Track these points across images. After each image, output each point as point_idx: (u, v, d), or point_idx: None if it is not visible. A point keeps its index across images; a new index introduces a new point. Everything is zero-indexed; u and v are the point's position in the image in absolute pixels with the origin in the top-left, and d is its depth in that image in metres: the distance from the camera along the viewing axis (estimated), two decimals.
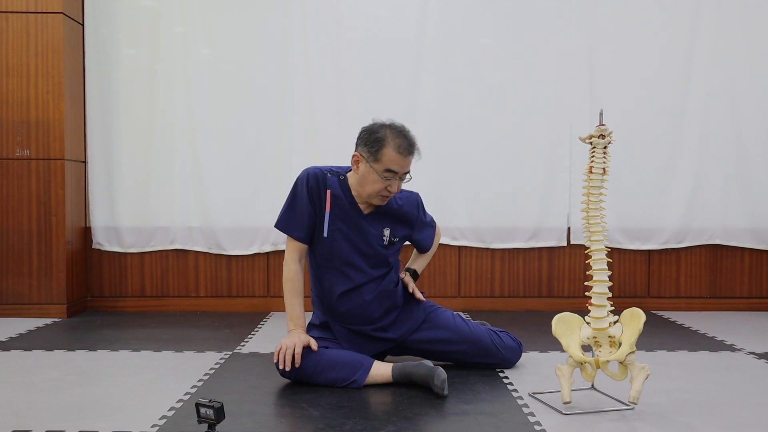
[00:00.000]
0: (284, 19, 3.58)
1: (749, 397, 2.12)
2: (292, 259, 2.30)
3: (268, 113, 3.61)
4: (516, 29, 3.63)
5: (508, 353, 2.45)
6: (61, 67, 3.36)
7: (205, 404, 1.62)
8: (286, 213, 2.31)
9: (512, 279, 3.73)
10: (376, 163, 2.18)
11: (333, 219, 2.28)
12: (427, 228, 2.53)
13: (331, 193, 2.28)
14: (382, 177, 2.18)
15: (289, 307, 2.28)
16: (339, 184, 2.29)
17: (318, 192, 2.28)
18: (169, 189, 3.61)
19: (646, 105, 3.66)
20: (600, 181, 1.96)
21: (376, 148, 2.18)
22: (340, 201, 2.29)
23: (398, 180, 2.22)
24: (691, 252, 3.76)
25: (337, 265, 2.31)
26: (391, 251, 2.38)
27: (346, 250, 2.30)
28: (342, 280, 2.31)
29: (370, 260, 2.33)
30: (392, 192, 2.22)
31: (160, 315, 3.53)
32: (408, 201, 2.42)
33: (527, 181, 3.66)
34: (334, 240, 2.29)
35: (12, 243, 3.39)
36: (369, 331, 2.35)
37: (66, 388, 2.18)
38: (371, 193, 2.23)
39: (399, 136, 2.19)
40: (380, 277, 2.36)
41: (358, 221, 2.30)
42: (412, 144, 2.21)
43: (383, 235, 2.34)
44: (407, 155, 2.19)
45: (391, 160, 2.17)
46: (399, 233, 2.39)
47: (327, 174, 2.30)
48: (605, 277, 1.96)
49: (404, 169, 2.21)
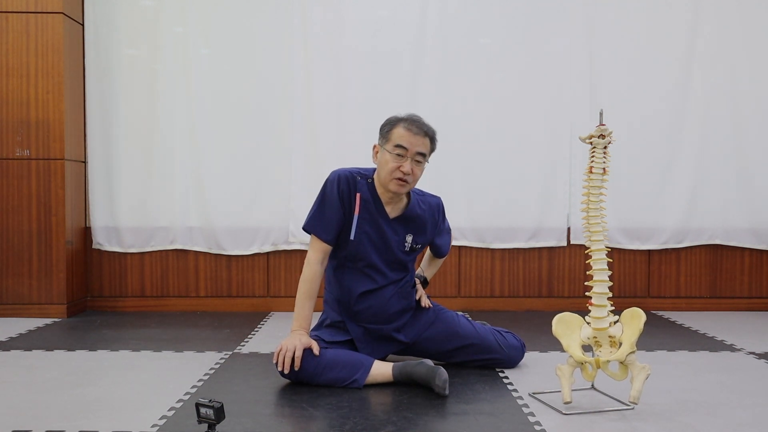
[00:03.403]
0: (284, 19, 3.58)
1: (749, 397, 2.12)
2: (316, 260, 2.28)
3: (268, 113, 3.61)
4: (516, 29, 3.63)
5: (511, 352, 2.45)
6: (61, 67, 3.36)
7: (205, 404, 1.62)
8: (314, 215, 2.29)
9: (512, 279, 3.73)
10: (388, 144, 2.22)
11: (361, 222, 2.28)
12: (444, 234, 2.55)
13: (361, 196, 2.28)
14: (393, 156, 2.20)
15: (299, 307, 2.26)
16: (367, 187, 2.30)
17: (348, 195, 2.27)
18: (169, 189, 3.61)
19: (646, 105, 3.66)
20: (600, 181, 1.96)
21: (387, 130, 2.25)
22: (368, 205, 2.29)
23: (410, 160, 2.21)
24: (691, 252, 3.76)
25: (360, 267, 2.31)
26: (411, 257, 2.40)
27: (370, 253, 2.30)
28: (363, 281, 2.32)
29: (391, 265, 2.35)
30: (405, 173, 2.20)
31: (160, 315, 3.53)
32: (430, 207, 2.43)
33: (527, 181, 3.66)
34: (360, 243, 2.29)
35: (12, 243, 3.39)
36: (386, 331, 2.36)
37: (66, 388, 2.18)
38: (386, 176, 2.23)
39: (409, 118, 2.24)
40: (398, 280, 2.38)
41: (383, 226, 2.31)
42: (422, 125, 2.24)
43: (405, 242, 2.35)
44: (416, 133, 2.21)
45: (399, 136, 2.20)
46: (421, 240, 2.40)
47: (357, 177, 2.30)
48: (605, 277, 1.96)
49: (414, 147, 2.21)
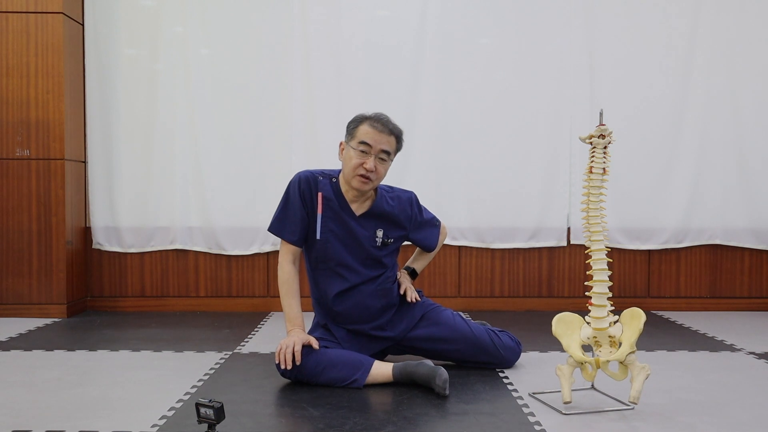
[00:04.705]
0: (284, 19, 3.58)
1: (749, 397, 2.12)
2: (286, 261, 2.32)
3: (268, 113, 3.61)
4: (516, 30, 3.63)
5: (507, 353, 2.45)
6: (61, 67, 3.36)
7: (205, 404, 1.62)
8: (278, 216, 2.33)
9: (512, 279, 3.73)
10: (353, 140, 2.25)
11: (325, 221, 2.30)
12: (427, 227, 2.52)
13: (323, 195, 2.29)
14: (357, 152, 2.22)
15: (287, 308, 2.28)
16: (330, 186, 2.31)
17: (310, 195, 2.30)
18: (169, 189, 3.61)
19: (646, 105, 3.66)
20: (600, 181, 1.96)
21: (353, 127, 2.28)
22: (331, 203, 2.30)
23: (374, 158, 2.22)
24: (691, 252, 3.76)
25: (332, 266, 2.32)
26: (385, 252, 2.38)
27: (340, 252, 2.31)
28: (337, 281, 2.32)
29: (364, 261, 2.34)
30: (368, 170, 2.21)
31: (160, 315, 3.53)
32: (400, 201, 2.42)
33: (527, 180, 3.66)
34: (327, 242, 2.30)
35: (12, 243, 3.39)
36: (367, 330, 2.36)
37: (66, 388, 2.18)
38: (349, 172, 2.24)
39: (375, 116, 2.26)
40: (376, 277, 2.36)
41: (350, 223, 2.31)
42: (387, 123, 2.26)
43: (376, 236, 2.35)
44: (381, 130, 2.23)
45: (364, 132, 2.22)
46: (393, 234, 2.39)
47: (318, 177, 2.32)
48: (605, 277, 1.96)
49: (379, 144, 2.22)
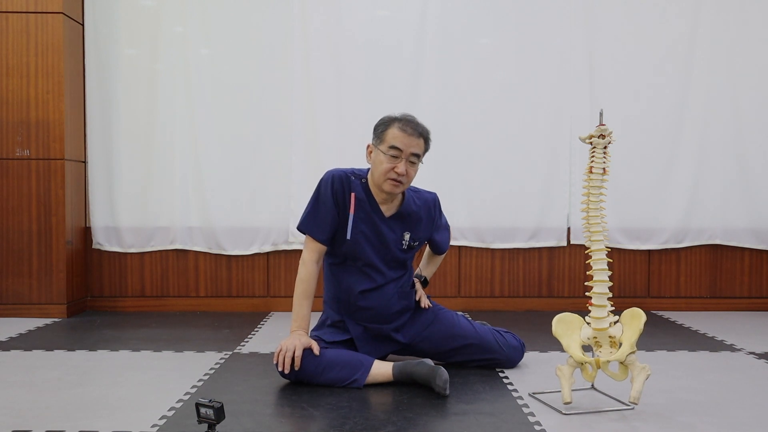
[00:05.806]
0: (284, 19, 3.58)
1: (749, 397, 2.12)
2: (311, 259, 2.29)
3: (268, 113, 3.60)
4: (516, 29, 3.63)
5: (511, 352, 2.45)
6: (61, 67, 3.36)
7: (205, 404, 1.62)
8: (309, 215, 2.30)
9: (512, 279, 3.73)
10: (382, 144, 2.22)
11: (356, 222, 2.28)
12: (443, 230, 2.55)
13: (355, 196, 2.28)
14: (387, 156, 2.20)
15: (297, 307, 2.27)
16: (362, 187, 2.30)
17: (342, 194, 2.27)
18: (169, 189, 3.61)
19: (646, 105, 3.65)
20: (600, 181, 1.96)
21: (381, 130, 2.24)
22: (363, 204, 2.29)
23: (405, 161, 2.21)
24: (691, 252, 3.75)
25: (359, 266, 2.32)
26: (410, 255, 2.40)
27: (368, 253, 2.30)
28: (363, 279, 2.32)
29: (389, 263, 2.35)
30: (399, 174, 2.20)
31: (160, 315, 3.53)
32: (426, 202, 2.43)
33: (527, 180, 3.66)
34: (356, 243, 2.29)
35: (12, 243, 3.39)
36: (385, 331, 2.36)
37: (66, 388, 2.18)
38: (380, 176, 2.22)
39: (403, 119, 2.24)
40: (398, 278, 2.38)
41: (379, 225, 2.31)
42: (416, 125, 2.23)
43: (403, 239, 2.35)
44: (411, 134, 2.21)
45: (394, 137, 2.20)
46: (418, 237, 2.39)
47: (351, 176, 2.30)
48: (605, 277, 1.96)
49: (409, 148, 2.21)
